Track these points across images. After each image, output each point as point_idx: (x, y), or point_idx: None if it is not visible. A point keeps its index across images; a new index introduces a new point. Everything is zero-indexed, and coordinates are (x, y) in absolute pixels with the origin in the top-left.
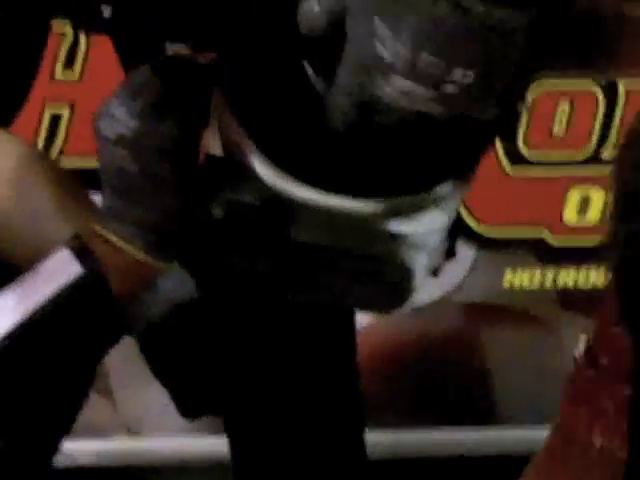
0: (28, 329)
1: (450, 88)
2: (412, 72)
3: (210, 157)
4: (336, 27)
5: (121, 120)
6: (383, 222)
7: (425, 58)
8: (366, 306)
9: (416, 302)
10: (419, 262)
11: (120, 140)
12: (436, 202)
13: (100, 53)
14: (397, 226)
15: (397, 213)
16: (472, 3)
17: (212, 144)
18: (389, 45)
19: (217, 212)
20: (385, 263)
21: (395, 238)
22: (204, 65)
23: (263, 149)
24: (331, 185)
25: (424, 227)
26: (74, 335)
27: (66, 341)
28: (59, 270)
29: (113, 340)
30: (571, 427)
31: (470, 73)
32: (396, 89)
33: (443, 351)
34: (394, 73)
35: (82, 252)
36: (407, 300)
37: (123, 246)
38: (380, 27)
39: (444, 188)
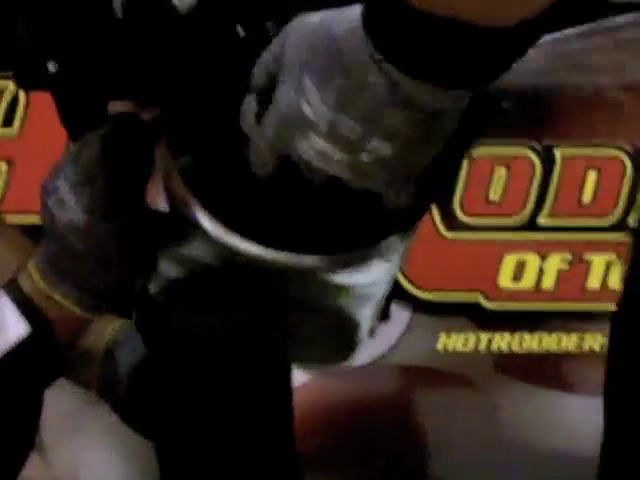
0: None
1: (365, 156)
2: (331, 134)
3: (155, 213)
4: (273, 82)
5: (70, 209)
6: (329, 275)
7: (346, 122)
8: (313, 359)
9: (350, 362)
10: (365, 313)
11: (69, 225)
12: (382, 254)
13: (40, 110)
14: (343, 278)
15: (343, 266)
16: (402, 78)
17: (156, 198)
18: (314, 104)
19: (165, 270)
20: (331, 315)
21: (341, 290)
22: (148, 123)
23: (207, 205)
24: (276, 241)
25: (370, 278)
26: (18, 392)
27: (9, 397)
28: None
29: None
30: None
31: (387, 146)
32: (314, 148)
33: (376, 413)
34: (314, 132)
35: (22, 303)
36: (353, 352)
37: (63, 303)
38: (308, 85)
39: (390, 240)
